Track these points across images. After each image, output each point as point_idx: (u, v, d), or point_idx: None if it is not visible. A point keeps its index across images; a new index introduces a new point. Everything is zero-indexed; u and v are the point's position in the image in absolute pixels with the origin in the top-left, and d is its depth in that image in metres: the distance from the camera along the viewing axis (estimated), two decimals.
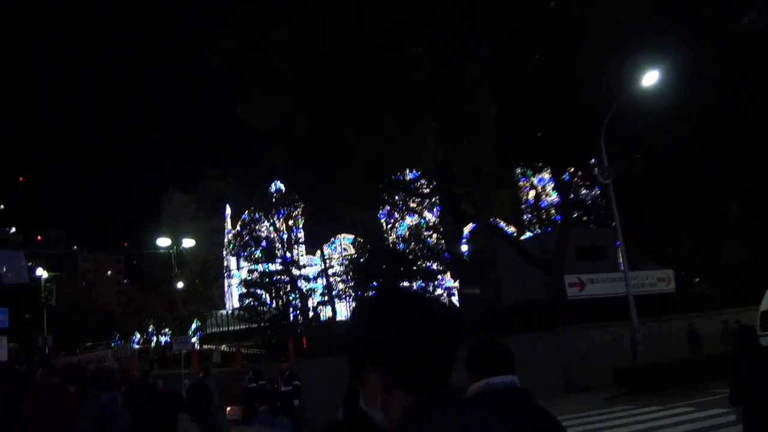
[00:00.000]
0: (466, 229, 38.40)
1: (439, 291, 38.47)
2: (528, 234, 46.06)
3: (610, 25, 27.84)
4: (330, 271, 43.14)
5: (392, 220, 45.25)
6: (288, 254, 40.96)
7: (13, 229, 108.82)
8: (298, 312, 39.53)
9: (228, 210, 61.58)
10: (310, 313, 40.27)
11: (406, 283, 36.91)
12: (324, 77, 27.55)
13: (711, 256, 37.76)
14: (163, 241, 52.12)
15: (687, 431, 15.30)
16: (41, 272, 59.88)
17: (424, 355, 1.84)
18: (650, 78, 25.49)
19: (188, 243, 53.52)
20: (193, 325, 68.85)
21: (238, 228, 42.59)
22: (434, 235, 42.90)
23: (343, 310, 45.71)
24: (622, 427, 17.34)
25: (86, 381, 12.07)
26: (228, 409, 24.41)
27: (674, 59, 26.42)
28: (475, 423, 1.84)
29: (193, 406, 6.34)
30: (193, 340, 55.57)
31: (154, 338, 79.75)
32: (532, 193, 48.91)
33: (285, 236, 41.45)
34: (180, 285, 56.93)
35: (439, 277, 38.86)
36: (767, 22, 37.88)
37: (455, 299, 40.00)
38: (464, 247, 36.29)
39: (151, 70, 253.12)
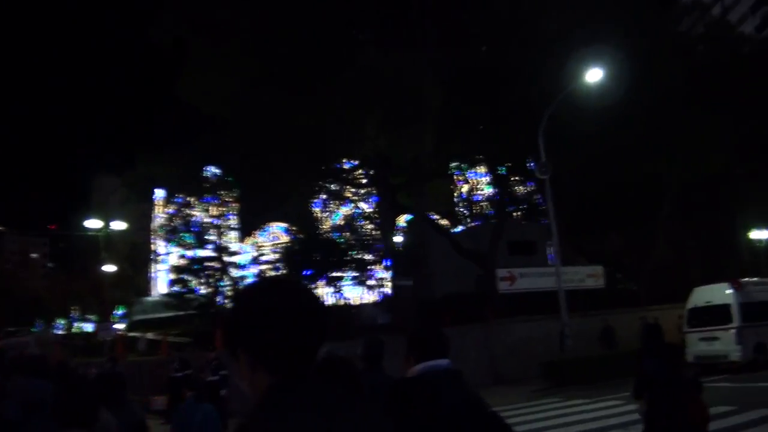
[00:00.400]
0: (401, 221, 38.38)
1: (371, 282, 38.23)
2: (460, 227, 46.27)
3: (555, 20, 28.03)
4: (262, 259, 42.51)
5: (327, 210, 44.88)
6: (219, 240, 40.27)
7: None
8: (227, 300, 38.88)
9: (159, 194, 60.42)
10: None
11: (338, 273, 36.63)
12: (269, 58, 27.12)
13: (640, 254, 38.41)
14: (93, 223, 50.72)
15: (615, 424, 15.40)
16: None
17: (284, 340, 2.01)
18: (594, 75, 25.67)
19: (118, 225, 52.22)
20: (119, 312, 67.57)
21: (169, 211, 41.63)
22: (369, 226, 42.71)
23: None
24: (550, 420, 17.46)
25: (7, 367, 11.56)
26: (152, 398, 23.95)
27: (617, 57, 26.67)
28: (327, 403, 1.99)
29: (107, 396, 6.19)
30: (119, 326, 54.51)
31: (77, 324, 78.13)
32: (465, 187, 49.16)
33: (216, 222, 40.73)
34: (107, 269, 55.59)
35: (372, 267, 38.59)
36: (707, 29, 38.92)
37: (388, 290, 40.06)
38: (398, 239, 36.24)
39: (88, 47, 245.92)
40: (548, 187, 26.82)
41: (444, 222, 44.56)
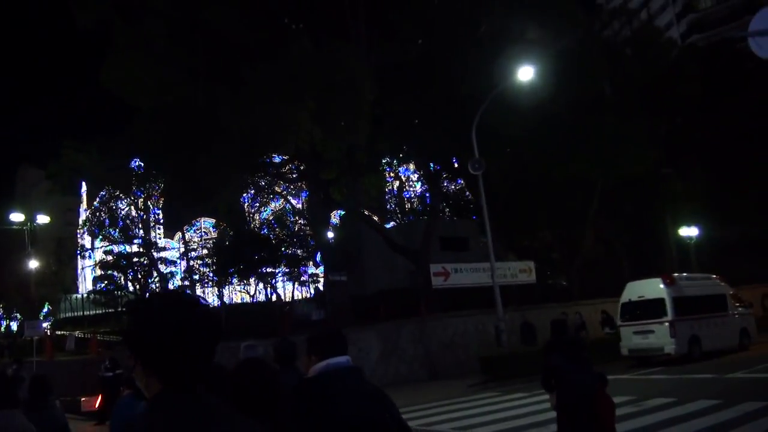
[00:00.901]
0: (333, 217, 38.11)
1: (303, 278, 37.97)
2: (391, 223, 46.25)
3: (487, 19, 28.07)
4: (191, 254, 41.94)
5: (257, 204, 44.43)
6: (146, 236, 39.51)
7: None
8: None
9: (84, 187, 58.98)
10: None
11: (270, 269, 36.25)
12: (198, 47, 26.50)
13: (570, 250, 38.90)
14: (16, 217, 49.10)
15: (553, 417, 15.40)
16: None
17: (172, 353, 2.11)
18: (525, 73, 25.72)
19: (43, 219, 50.61)
20: (45, 309, 65.82)
21: (95, 205, 40.67)
22: (299, 221, 42.39)
23: (208, 295, 44.72)
24: (488, 414, 17.34)
25: None
26: (82, 399, 23.21)
27: (546, 57, 26.86)
28: (207, 411, 2.12)
29: (33, 400, 6.34)
30: (45, 325, 53.06)
31: (4, 323, 75.98)
32: (396, 183, 49.22)
33: (143, 217, 39.98)
34: (33, 265, 54.04)
35: (305, 263, 38.30)
36: (633, 33, 39.62)
37: (320, 285, 39.77)
38: (330, 234, 36.00)
39: (10, 30, 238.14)
40: (481, 184, 26.79)
41: (374, 217, 44.50)
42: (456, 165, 36.18)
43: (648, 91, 35.72)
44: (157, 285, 38.21)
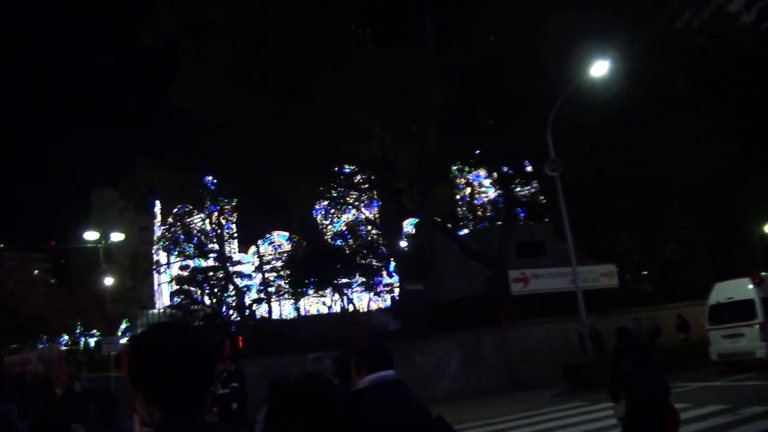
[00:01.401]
0: (406, 226, 37.71)
1: (378, 288, 37.63)
2: (464, 231, 45.58)
3: (557, 15, 27.32)
4: (266, 268, 41.97)
5: (329, 216, 44.28)
6: (220, 250, 39.63)
7: None
8: (232, 310, 38.20)
9: (158, 206, 59.85)
10: (246, 311, 39.06)
11: (345, 280, 35.98)
12: (264, 59, 26.37)
13: (651, 252, 37.71)
14: (91, 235, 49.96)
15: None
16: None
17: (170, 384, 2.20)
18: (599, 68, 24.93)
19: (117, 237, 51.46)
20: (123, 326, 66.87)
21: (169, 220, 41.01)
22: (372, 231, 42.08)
23: (282, 308, 44.74)
24: (577, 426, 16.59)
25: None
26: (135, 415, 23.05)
27: (619, 52, 26.00)
28: None
29: (100, 416, 6.43)
30: (123, 341, 53.79)
31: (82, 339, 77.42)
32: (468, 190, 48.55)
33: (217, 232, 40.12)
34: (109, 282, 54.91)
35: (380, 273, 37.92)
36: (705, 23, 38.29)
37: (396, 295, 39.40)
38: (404, 243, 35.57)
39: (81, 59, 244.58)
40: (559, 185, 25.98)
41: (449, 225, 43.91)
42: (529, 168, 35.42)
43: (724, 82, 34.32)
44: (234, 299, 38.30)
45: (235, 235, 46.47)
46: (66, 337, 79.75)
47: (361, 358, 4.38)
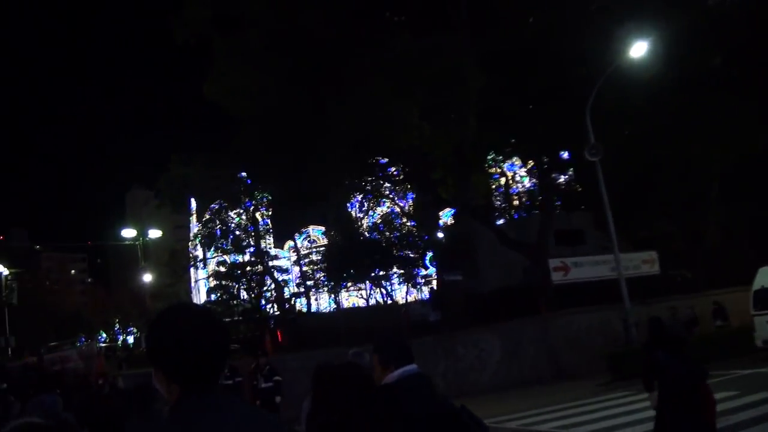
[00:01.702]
0: (441, 218, 37.47)
1: (418, 279, 37.44)
2: (500, 221, 45.24)
3: None
4: (303, 261, 42.00)
5: (364, 209, 44.15)
6: (255, 246, 39.62)
7: None
8: (271, 304, 38.18)
9: (193, 204, 60.17)
10: (285, 305, 39.01)
11: (381, 272, 35.80)
12: (299, 50, 26.24)
13: (691, 238, 37.09)
14: (129, 233, 50.21)
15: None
16: (1, 269, 57.54)
17: (188, 361, 2.33)
18: (638, 49, 24.47)
19: (155, 234, 51.64)
20: None
21: (205, 217, 41.13)
22: (407, 223, 41.88)
23: (319, 302, 44.73)
24: (621, 416, 16.23)
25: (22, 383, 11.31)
26: None
27: (659, 31, 25.51)
28: (221, 410, 2.33)
29: (138, 409, 6.54)
30: None
31: (121, 336, 78.08)
32: (502, 180, 48.19)
33: (253, 229, 40.12)
34: (147, 278, 55.25)
35: (417, 265, 37.69)
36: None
37: (433, 287, 39.19)
38: (440, 234, 35.34)
39: (116, 60, 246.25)
40: (599, 170, 25.54)
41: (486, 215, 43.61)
42: (566, 156, 34.93)
43: (763, 61, 33.46)
44: (271, 293, 38.29)
45: (270, 230, 46.46)
46: (104, 335, 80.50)
47: (386, 355, 4.56)
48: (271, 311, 38.64)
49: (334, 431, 3.89)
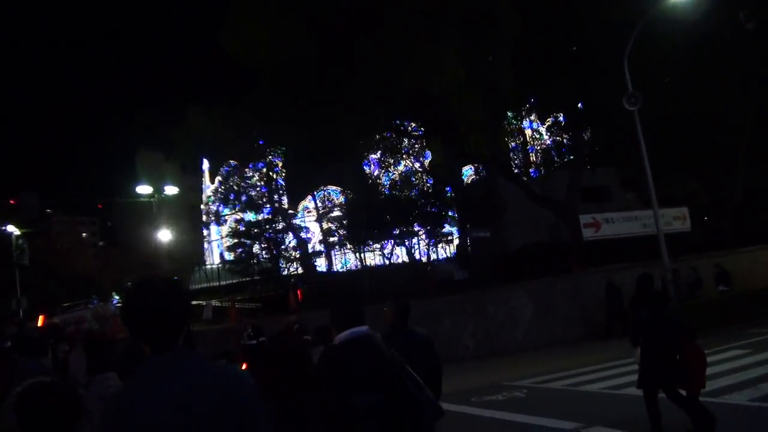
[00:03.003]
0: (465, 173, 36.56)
1: (443, 237, 36.58)
2: (524, 178, 44.34)
3: None
4: (323, 219, 41.24)
5: (382, 166, 43.18)
6: (271, 206, 38.77)
7: None
8: (291, 263, 37.35)
9: (205, 165, 59.31)
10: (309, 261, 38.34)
11: (404, 228, 34.75)
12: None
13: (721, 195, 36.07)
14: (144, 189, 49.29)
15: (751, 377, 13.55)
16: (12, 229, 56.62)
17: (140, 325, 2.91)
18: None
19: (171, 190, 50.57)
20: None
21: (223, 171, 40.30)
22: (425, 181, 40.90)
23: (341, 261, 44.03)
24: None
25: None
26: None
27: None
28: (181, 363, 2.86)
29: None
30: None
31: None
32: (520, 139, 47.18)
33: (269, 188, 39.24)
34: (162, 236, 54.48)
35: (442, 221, 36.64)
36: None
37: (455, 245, 38.45)
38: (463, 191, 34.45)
39: (122, 20, 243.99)
40: (637, 119, 24.30)
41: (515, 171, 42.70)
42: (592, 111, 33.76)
43: None
44: (291, 253, 37.52)
45: (284, 191, 45.65)
46: (117, 297, 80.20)
47: (335, 319, 4.91)
48: (291, 270, 37.84)
49: (270, 392, 3.99)
